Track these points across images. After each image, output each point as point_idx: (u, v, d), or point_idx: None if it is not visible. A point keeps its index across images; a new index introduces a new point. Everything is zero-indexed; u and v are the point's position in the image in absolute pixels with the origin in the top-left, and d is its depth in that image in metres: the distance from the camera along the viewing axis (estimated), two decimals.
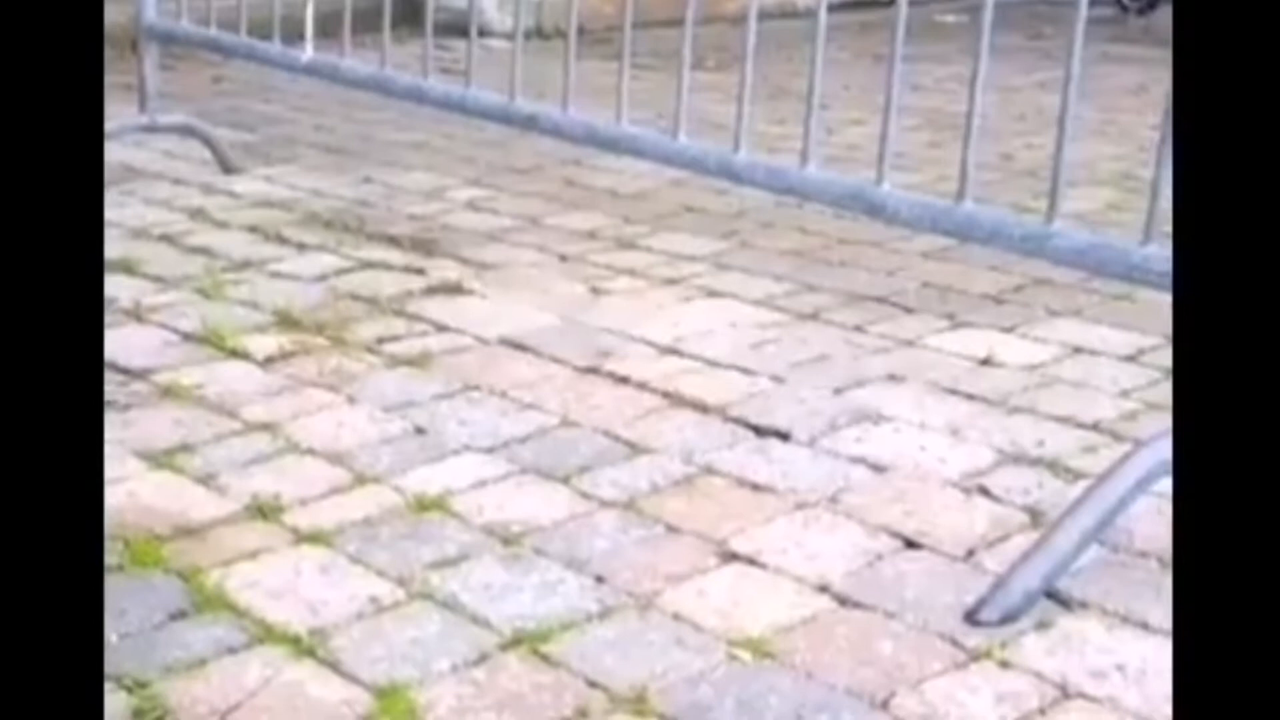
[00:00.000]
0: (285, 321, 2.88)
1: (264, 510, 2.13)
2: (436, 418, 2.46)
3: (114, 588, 1.91)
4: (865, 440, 2.40)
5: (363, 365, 2.67)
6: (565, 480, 2.25)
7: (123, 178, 3.89)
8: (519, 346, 2.78)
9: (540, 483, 2.24)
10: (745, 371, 2.67)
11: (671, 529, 2.11)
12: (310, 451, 2.33)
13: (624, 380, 2.63)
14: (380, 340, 2.79)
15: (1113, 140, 4.60)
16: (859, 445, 2.38)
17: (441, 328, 2.87)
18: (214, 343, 2.75)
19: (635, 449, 2.36)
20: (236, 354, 2.71)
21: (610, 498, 2.20)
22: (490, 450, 2.34)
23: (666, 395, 2.56)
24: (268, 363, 2.68)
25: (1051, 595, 1.93)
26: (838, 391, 2.59)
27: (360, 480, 2.24)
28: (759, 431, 2.43)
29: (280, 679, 1.74)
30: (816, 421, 2.46)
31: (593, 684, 1.75)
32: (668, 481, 2.25)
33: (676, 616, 1.89)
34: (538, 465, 2.29)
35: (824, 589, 1.96)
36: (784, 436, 2.41)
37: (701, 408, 2.51)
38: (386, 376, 2.63)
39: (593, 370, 2.67)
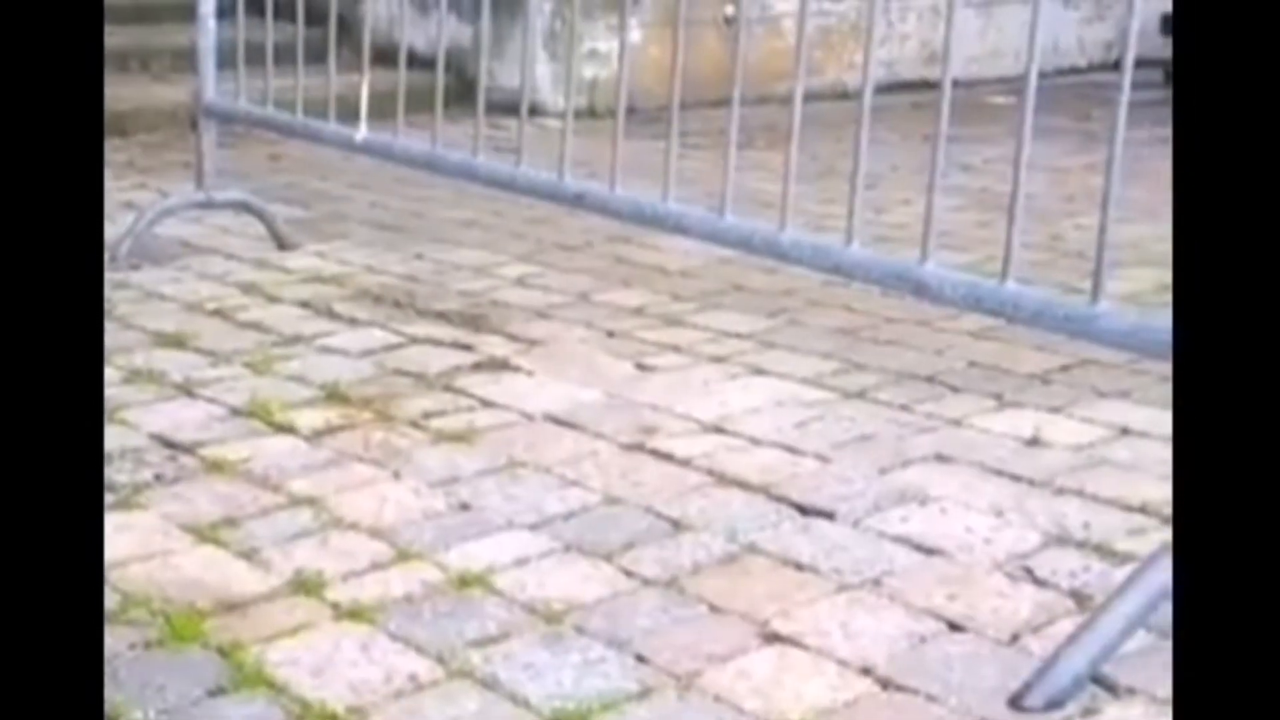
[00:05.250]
0: (333, 396, 2.90)
1: (306, 586, 2.13)
2: (480, 494, 2.46)
3: (153, 663, 1.92)
4: (910, 520, 2.38)
5: (408, 441, 2.68)
6: (608, 558, 2.25)
7: (178, 253, 3.95)
8: (564, 423, 2.79)
9: (583, 560, 2.24)
10: (791, 450, 2.67)
11: (714, 609, 2.10)
12: (354, 526, 2.34)
13: (668, 457, 2.63)
14: (426, 415, 2.81)
15: (1163, 221, 4.56)
16: (904, 525, 2.36)
17: (487, 403, 2.88)
18: (261, 417, 2.77)
19: (679, 526, 2.35)
20: (283, 428, 2.73)
21: (653, 576, 2.19)
22: (534, 527, 2.34)
23: (711, 473, 2.56)
24: (314, 437, 2.70)
25: (1098, 681, 1.90)
26: (883, 471, 2.58)
27: (403, 556, 2.24)
28: (804, 511, 2.42)
29: None
30: (861, 502, 2.44)
31: None
32: (711, 560, 2.25)
33: (717, 698, 1.88)
34: (580, 543, 2.29)
35: (867, 671, 1.94)
36: (829, 516, 2.40)
37: (746, 486, 2.51)
38: (431, 452, 2.64)
39: (637, 447, 2.68)
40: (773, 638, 2.02)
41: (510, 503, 2.43)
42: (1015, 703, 1.87)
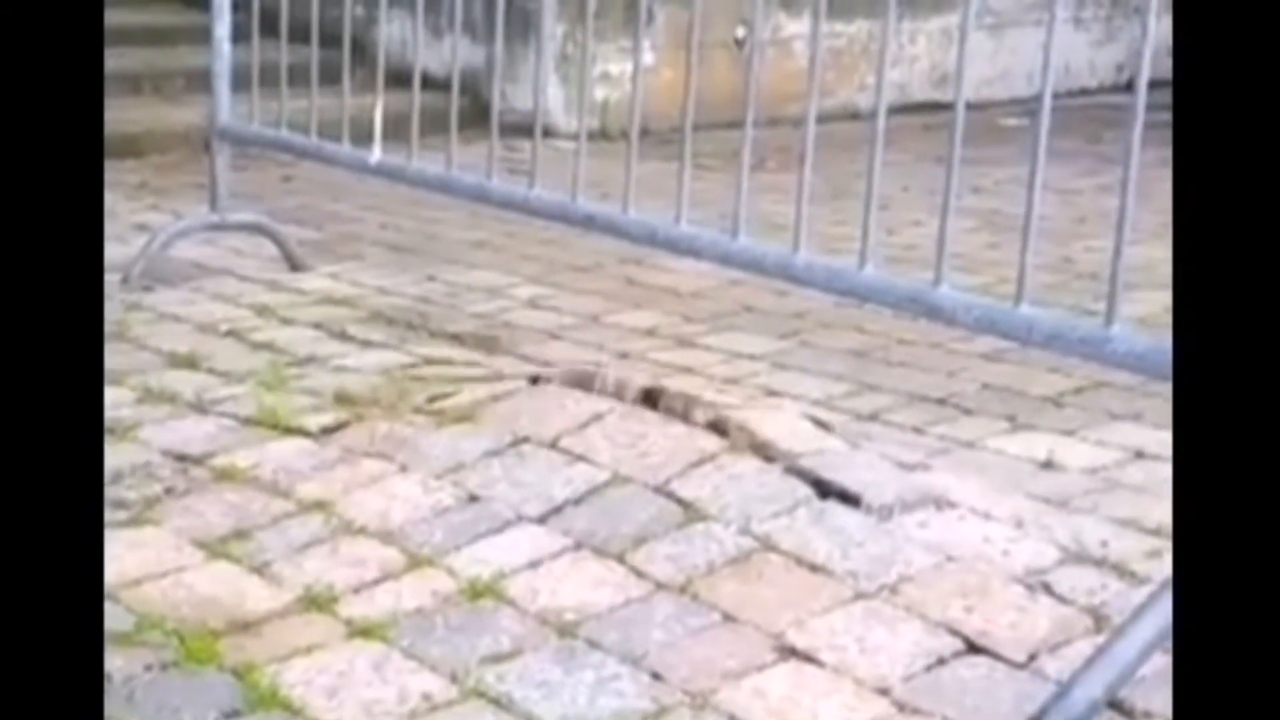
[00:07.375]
0: (342, 400, 2.87)
1: (318, 601, 2.13)
2: (488, 481, 2.42)
3: (169, 686, 1.92)
4: (929, 525, 2.34)
5: (412, 429, 2.63)
6: (620, 557, 2.22)
7: (191, 275, 3.95)
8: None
9: (594, 561, 2.21)
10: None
11: (728, 617, 2.08)
12: (363, 531, 2.32)
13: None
14: (432, 399, 2.76)
15: None
16: (923, 530, 2.32)
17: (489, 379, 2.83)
18: (269, 424, 2.74)
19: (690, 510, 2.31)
20: (291, 431, 2.69)
21: (665, 578, 2.17)
22: (543, 519, 2.32)
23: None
24: (321, 435, 2.66)
25: (1114, 705, 1.89)
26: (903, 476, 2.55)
27: (414, 562, 2.23)
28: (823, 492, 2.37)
29: None
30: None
31: None
32: (724, 558, 2.22)
33: (733, 718, 1.87)
34: (591, 538, 2.26)
35: (883, 692, 1.93)
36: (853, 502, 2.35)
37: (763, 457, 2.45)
38: (437, 437, 2.58)
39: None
40: (788, 652, 2.01)
41: (517, 489, 2.40)
42: None
